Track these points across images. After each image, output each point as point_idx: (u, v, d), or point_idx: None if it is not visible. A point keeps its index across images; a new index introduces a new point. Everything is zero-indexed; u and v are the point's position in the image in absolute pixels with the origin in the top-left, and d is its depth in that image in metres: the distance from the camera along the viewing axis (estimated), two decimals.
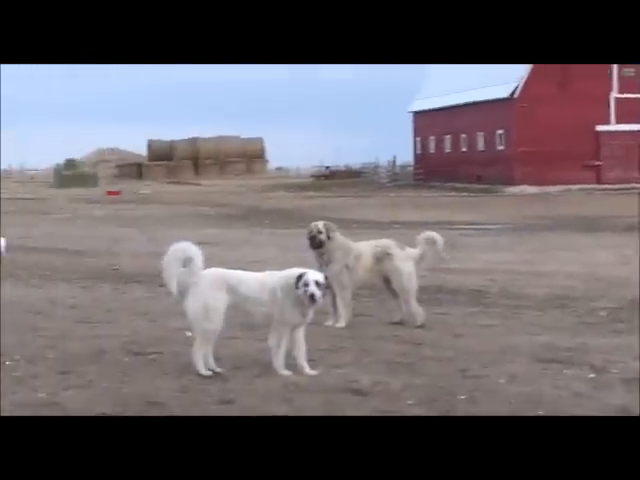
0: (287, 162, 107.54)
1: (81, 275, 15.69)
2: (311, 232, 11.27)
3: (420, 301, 11.52)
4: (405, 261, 11.32)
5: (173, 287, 8.62)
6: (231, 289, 8.60)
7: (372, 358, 9.29)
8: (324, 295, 8.53)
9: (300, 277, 8.37)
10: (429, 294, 13.37)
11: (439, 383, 8.33)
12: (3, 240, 3.34)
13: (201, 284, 8.55)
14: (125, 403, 7.51)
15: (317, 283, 8.31)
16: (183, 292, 8.66)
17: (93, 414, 7.13)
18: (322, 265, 10.91)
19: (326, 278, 8.65)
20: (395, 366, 8.96)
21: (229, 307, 8.65)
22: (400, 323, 11.27)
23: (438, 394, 7.91)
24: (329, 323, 11.00)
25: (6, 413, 6.85)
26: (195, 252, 8.60)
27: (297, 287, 8.35)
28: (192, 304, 8.55)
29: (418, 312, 11.22)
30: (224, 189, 57.52)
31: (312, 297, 8.27)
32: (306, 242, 11.54)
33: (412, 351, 9.70)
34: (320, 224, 11.34)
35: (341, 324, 11.01)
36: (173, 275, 8.59)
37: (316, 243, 11.21)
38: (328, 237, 11.19)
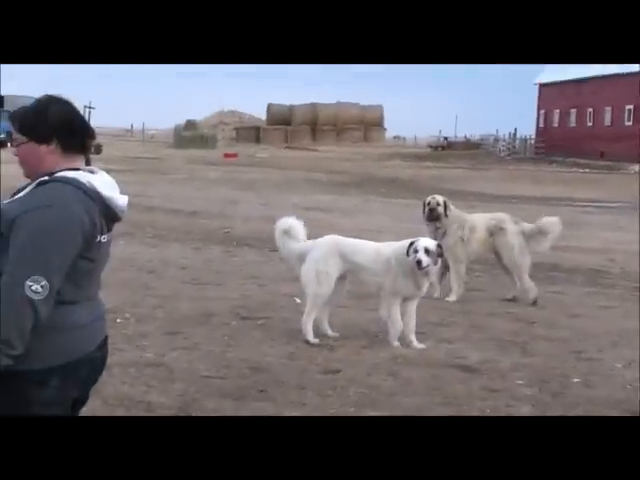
0: (405, 131, 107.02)
1: (194, 236, 15.80)
2: (430, 204, 11.08)
3: (535, 278, 11.20)
4: (517, 236, 11.01)
5: (283, 255, 9.23)
6: (345, 256, 8.57)
7: (483, 335, 9.05)
8: (435, 263, 8.33)
9: (411, 244, 8.26)
10: (544, 272, 13.01)
11: (551, 364, 8.05)
12: (126, 198, 3.30)
13: (317, 250, 8.62)
14: (229, 367, 7.48)
15: (426, 250, 8.18)
16: (301, 259, 8.77)
17: (197, 376, 7.15)
18: (437, 238, 10.66)
19: (439, 246, 8.46)
20: (506, 344, 8.72)
21: (343, 275, 8.64)
22: (513, 300, 10.98)
23: (550, 375, 7.65)
24: (436, 295, 10.75)
25: (115, 371, 6.87)
26: (295, 224, 8.87)
27: (408, 254, 8.23)
28: (305, 269, 8.62)
29: (531, 288, 10.90)
30: (341, 156, 57.37)
31: (419, 263, 8.13)
32: (421, 213, 11.34)
33: (524, 330, 9.42)
34: (440, 198, 11.16)
35: (452, 298, 10.78)
36: (281, 245, 9.00)
37: (434, 216, 11.02)
38: (446, 213, 10.98)
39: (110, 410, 6.20)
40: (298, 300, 9.82)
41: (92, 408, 4.96)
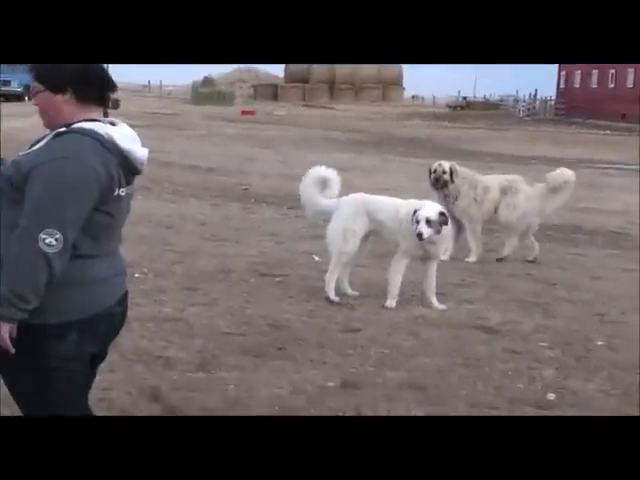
0: (423, 91, 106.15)
1: (212, 193, 15.70)
2: (435, 172, 10.80)
3: (556, 240, 11.09)
4: (528, 198, 10.82)
5: (308, 211, 8.88)
6: (371, 215, 8.48)
7: (503, 296, 8.95)
8: (438, 233, 8.09)
9: (415, 213, 8.08)
10: (565, 233, 12.88)
11: (574, 326, 7.95)
12: (146, 150, 3.20)
13: (344, 208, 8.50)
14: (249, 324, 7.42)
15: (428, 221, 7.97)
16: (323, 215, 8.68)
17: (217, 332, 7.08)
18: (448, 205, 10.33)
19: (442, 214, 8.18)
20: (527, 305, 8.62)
21: (368, 233, 8.55)
22: (533, 261, 10.84)
23: (573, 338, 7.55)
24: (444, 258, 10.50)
25: (133, 326, 6.79)
26: (332, 176, 8.67)
27: (412, 223, 8.08)
28: (332, 226, 8.51)
29: (511, 245, 10.82)
30: (359, 115, 56.94)
31: (419, 235, 7.98)
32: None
33: (546, 291, 9.32)
34: (446, 165, 10.82)
35: (472, 259, 10.65)
36: (309, 198, 8.71)
37: (440, 184, 10.75)
38: (452, 179, 10.70)
39: (128, 364, 6.15)
40: (317, 258, 9.75)
41: (110, 361, 4.92)
